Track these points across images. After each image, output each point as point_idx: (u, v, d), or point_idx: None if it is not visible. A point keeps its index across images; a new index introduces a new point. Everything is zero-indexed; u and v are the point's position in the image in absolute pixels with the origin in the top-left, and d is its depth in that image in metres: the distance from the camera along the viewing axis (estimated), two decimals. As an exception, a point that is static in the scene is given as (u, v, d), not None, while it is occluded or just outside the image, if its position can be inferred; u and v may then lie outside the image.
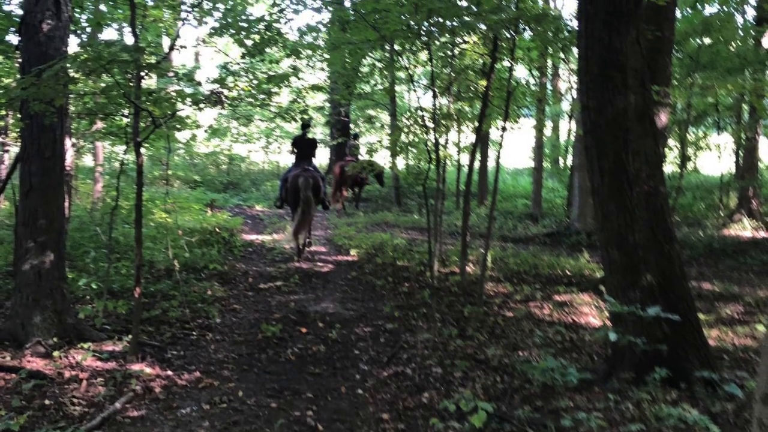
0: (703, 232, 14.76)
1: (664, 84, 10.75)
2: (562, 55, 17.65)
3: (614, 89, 5.61)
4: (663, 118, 10.95)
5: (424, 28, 9.04)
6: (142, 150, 6.90)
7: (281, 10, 9.41)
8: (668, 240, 5.67)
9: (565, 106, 25.43)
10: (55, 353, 6.17)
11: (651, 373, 5.08)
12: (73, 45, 8.75)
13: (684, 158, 16.21)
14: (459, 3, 8.65)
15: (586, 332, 7.59)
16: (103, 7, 12.07)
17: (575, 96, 19.40)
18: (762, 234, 15.09)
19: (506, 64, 10.64)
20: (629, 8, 5.61)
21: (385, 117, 26.49)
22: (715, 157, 20.21)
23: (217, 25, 9.10)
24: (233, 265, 10.92)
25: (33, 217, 6.56)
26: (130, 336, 6.51)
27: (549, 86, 23.97)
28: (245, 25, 8.85)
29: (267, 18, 9.15)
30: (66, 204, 7.80)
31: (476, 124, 10.80)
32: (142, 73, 6.65)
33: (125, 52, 6.21)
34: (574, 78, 20.18)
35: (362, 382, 6.06)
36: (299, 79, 9.56)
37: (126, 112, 7.74)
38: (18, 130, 8.49)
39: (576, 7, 6.18)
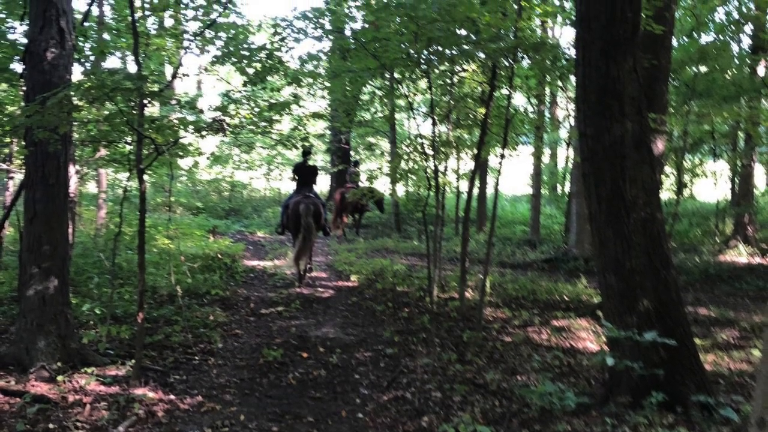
0: (700, 258, 14.81)
1: (661, 112, 10.88)
2: (560, 83, 17.87)
3: (611, 117, 5.67)
4: (660, 145, 11.07)
5: (424, 57, 9.15)
6: (145, 177, 6.97)
7: (282, 39, 9.50)
8: (665, 266, 5.72)
9: (563, 133, 25.59)
10: (59, 378, 6.22)
11: (648, 397, 5.13)
12: (76, 73, 8.88)
13: (680, 185, 16.27)
14: (458, 32, 8.75)
15: (583, 357, 7.64)
16: (106, 36, 12.24)
17: (573, 123, 19.57)
18: (757, 260, 15.15)
19: (505, 92, 10.73)
20: (626, 37, 5.68)
21: (385, 144, 26.63)
22: (711, 183, 20.32)
23: (219, 53, 9.20)
24: (235, 291, 10.99)
25: (37, 243, 6.61)
26: (133, 361, 6.56)
27: (547, 114, 24.17)
28: (247, 53, 8.95)
29: (268, 46, 9.25)
30: (70, 230, 7.87)
31: (475, 151, 10.91)
32: (145, 101, 6.71)
33: (128, 80, 6.26)
34: (571, 106, 20.35)
35: (362, 407, 6.10)
36: (300, 106, 9.63)
37: (129, 139, 7.78)
38: (22, 157, 8.57)
39: (574, 36, 6.28)
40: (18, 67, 9.11)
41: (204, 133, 7.36)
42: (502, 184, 12.45)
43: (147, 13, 12.10)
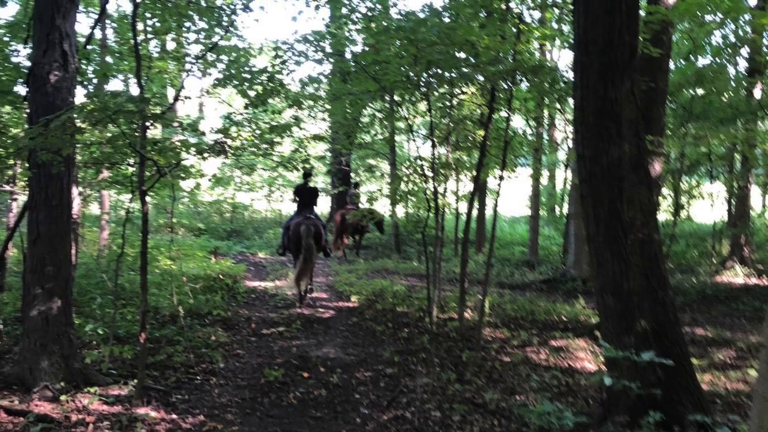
0: (697, 279, 14.80)
1: (658, 134, 10.98)
2: (558, 106, 17.94)
3: (609, 139, 5.72)
4: (657, 167, 11.16)
5: (423, 79, 9.22)
6: (148, 198, 7.02)
7: (283, 62, 9.60)
8: (662, 286, 5.75)
9: (561, 155, 25.65)
10: (63, 397, 6.25)
11: (645, 416, 5.14)
12: (79, 96, 8.99)
13: (677, 206, 16.35)
14: (457, 55, 8.82)
15: (581, 377, 7.67)
16: (109, 59, 12.36)
17: (571, 145, 19.66)
18: (754, 281, 15.13)
19: (503, 114, 10.80)
20: (624, 60, 5.74)
21: (385, 166, 26.71)
22: (707, 205, 20.36)
23: (220, 76, 9.31)
24: (236, 311, 11.02)
25: (41, 264, 6.66)
26: (135, 380, 6.59)
27: (545, 136, 24.26)
28: (248, 76, 9.05)
29: (269, 69, 9.35)
30: (73, 251, 7.93)
31: (474, 173, 10.98)
32: (148, 124, 6.77)
33: (131, 103, 6.30)
34: (569, 128, 20.44)
35: (363, 426, 6.13)
36: (301, 129, 9.71)
37: (132, 161, 7.83)
38: (26, 179, 8.63)
39: (572, 59, 6.36)
40: (22, 89, 9.20)
41: (206, 155, 7.40)
42: (500, 205, 12.52)
43: (149, 36, 12.23)
